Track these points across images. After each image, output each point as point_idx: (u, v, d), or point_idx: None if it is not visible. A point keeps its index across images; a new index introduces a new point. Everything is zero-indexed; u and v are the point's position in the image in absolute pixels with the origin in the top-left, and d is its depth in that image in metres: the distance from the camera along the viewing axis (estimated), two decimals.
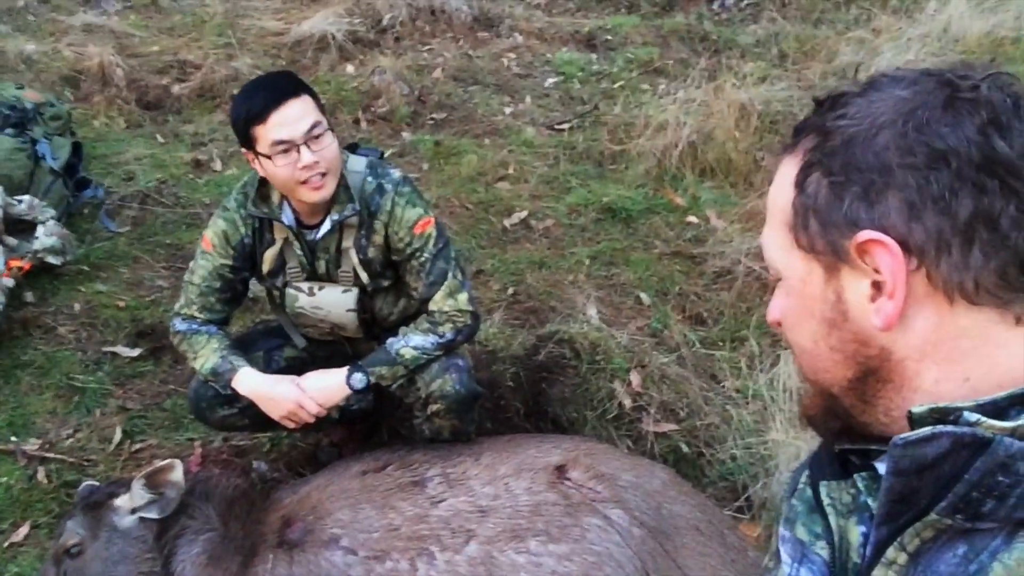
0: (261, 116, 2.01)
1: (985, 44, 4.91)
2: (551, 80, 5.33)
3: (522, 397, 2.84)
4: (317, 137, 2.03)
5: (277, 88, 2.06)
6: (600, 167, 4.43)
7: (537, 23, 5.93)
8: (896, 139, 0.68)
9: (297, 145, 2.00)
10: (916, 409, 0.68)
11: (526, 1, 6.34)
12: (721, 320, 3.32)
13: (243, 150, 2.12)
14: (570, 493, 2.08)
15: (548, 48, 5.67)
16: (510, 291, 3.42)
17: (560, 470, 2.13)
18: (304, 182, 2.03)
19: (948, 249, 0.67)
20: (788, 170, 0.76)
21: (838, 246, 0.71)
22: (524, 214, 3.96)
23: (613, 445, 2.61)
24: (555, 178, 4.27)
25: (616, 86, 5.23)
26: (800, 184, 0.74)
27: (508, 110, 4.97)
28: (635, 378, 2.89)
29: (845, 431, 0.79)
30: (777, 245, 0.78)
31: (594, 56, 5.63)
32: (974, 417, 0.65)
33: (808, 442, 2.56)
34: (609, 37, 5.81)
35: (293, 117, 2.01)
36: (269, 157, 2.02)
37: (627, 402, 2.81)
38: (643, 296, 3.44)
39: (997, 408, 0.67)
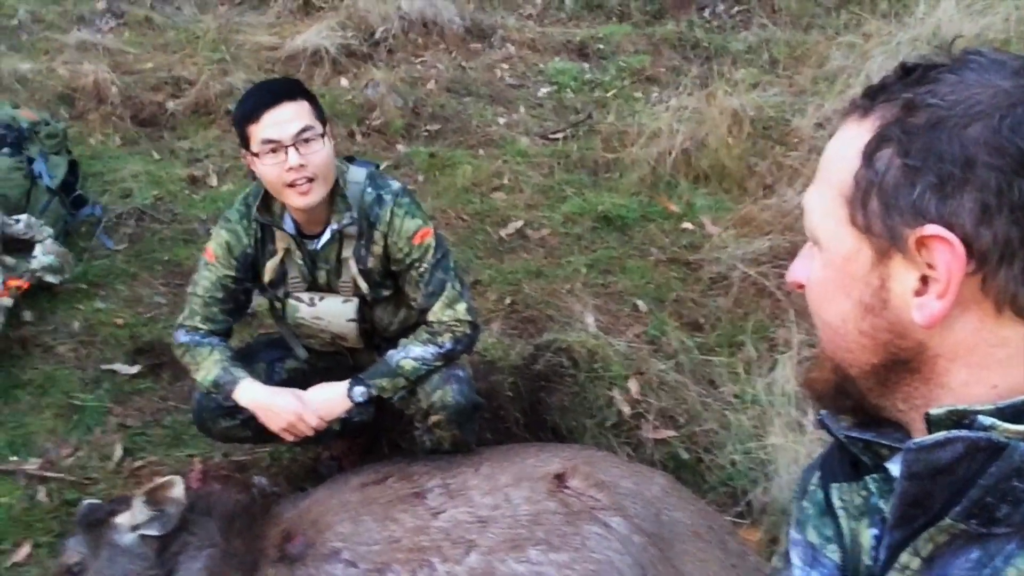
0: (255, 115, 2.05)
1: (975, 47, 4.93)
2: (544, 90, 5.36)
3: (521, 406, 2.85)
4: (307, 141, 2.05)
5: (276, 90, 2.11)
6: (595, 176, 4.45)
7: (529, 33, 5.96)
8: (988, 134, 0.64)
9: (285, 146, 2.03)
10: (934, 411, 0.67)
11: (518, 12, 6.37)
12: (718, 326, 3.33)
13: (241, 150, 2.15)
14: (570, 501, 2.08)
15: (541, 58, 5.70)
16: (507, 301, 3.43)
17: (559, 479, 2.13)
18: (291, 185, 2.05)
19: (1011, 260, 0.64)
20: (856, 135, 0.71)
21: (897, 233, 0.67)
22: (520, 224, 3.97)
23: (612, 453, 2.62)
24: (550, 187, 4.29)
25: (609, 95, 5.26)
26: (869, 156, 0.69)
27: (502, 120, 4.99)
28: (633, 385, 2.90)
29: (854, 410, 0.78)
30: (826, 212, 0.73)
31: (586, 65, 5.66)
32: (989, 421, 0.64)
33: (807, 446, 2.57)
34: (601, 46, 5.84)
35: (285, 118, 2.04)
36: (258, 155, 2.05)
37: (626, 409, 2.81)
38: (640, 303, 3.45)
39: (1016, 412, 0.65)
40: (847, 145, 0.71)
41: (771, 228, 3.75)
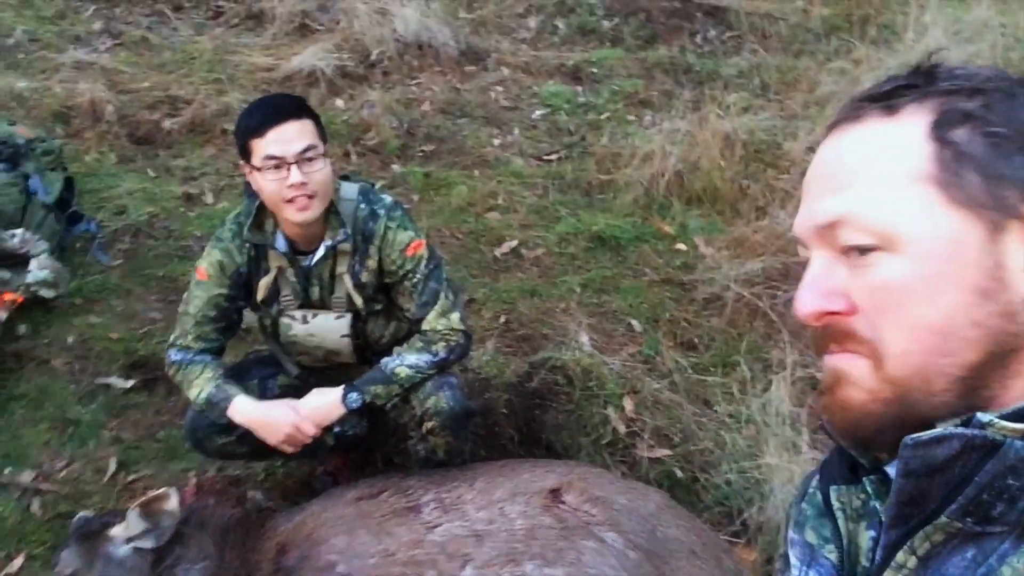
0: (260, 130, 2.06)
1: None
2: (538, 112, 5.40)
3: (516, 424, 2.85)
4: (310, 160, 2.07)
5: (281, 107, 2.12)
6: (589, 196, 4.48)
7: (523, 57, 6.01)
8: None
9: (288, 164, 2.05)
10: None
11: (512, 36, 6.42)
12: (712, 346, 3.35)
13: (240, 162, 2.17)
14: (565, 516, 2.08)
15: (535, 81, 5.74)
16: (502, 319, 3.44)
17: (555, 494, 2.14)
18: (290, 201, 2.07)
19: None
20: (896, 129, 0.70)
21: (1007, 203, 0.66)
22: (514, 243, 3.99)
23: (608, 471, 2.62)
24: (544, 208, 4.31)
25: (602, 117, 5.30)
26: (941, 137, 0.67)
27: (496, 142, 5.02)
28: (628, 404, 2.91)
29: (894, 446, 0.71)
30: (899, 204, 0.68)
31: (580, 88, 5.70)
32: (987, 418, 0.65)
33: (802, 466, 2.58)
34: (594, 70, 5.89)
35: (289, 136, 2.06)
36: (260, 170, 2.07)
37: (621, 428, 2.82)
38: (634, 323, 3.47)
39: (1019, 412, 0.65)
40: (889, 138, 0.69)
41: (764, 250, 3.78)
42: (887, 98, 0.71)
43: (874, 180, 0.69)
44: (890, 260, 0.68)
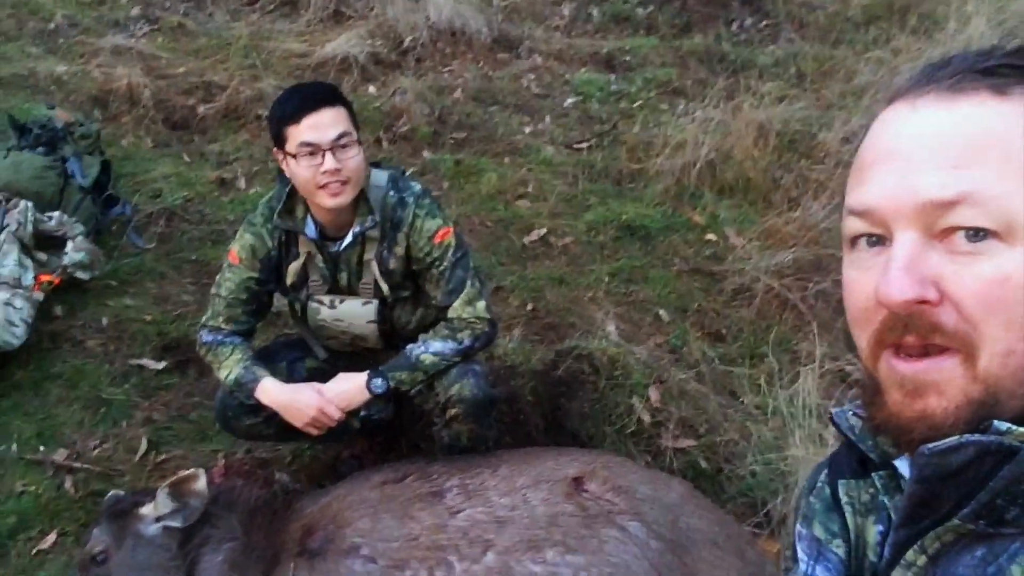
0: (295, 117, 2.10)
1: None
2: (570, 100, 5.38)
3: (541, 412, 2.86)
4: (344, 147, 2.10)
5: (316, 94, 2.16)
6: (619, 185, 4.46)
7: (556, 44, 5.99)
8: None
9: (323, 150, 2.08)
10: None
11: (545, 23, 6.40)
12: (740, 337, 3.33)
13: (274, 148, 2.20)
14: (587, 504, 2.09)
15: (567, 69, 5.72)
16: (529, 307, 3.45)
17: (577, 482, 2.14)
18: (323, 186, 2.10)
19: None
20: (1009, 110, 0.66)
21: None
22: (543, 231, 3.99)
23: (631, 460, 2.62)
24: (574, 196, 4.30)
25: (635, 106, 5.26)
26: None
27: (528, 129, 5.01)
28: (654, 394, 2.90)
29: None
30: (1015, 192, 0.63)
31: (613, 77, 5.67)
32: (1005, 426, 0.65)
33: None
34: (628, 58, 5.86)
35: (324, 123, 2.09)
36: (295, 156, 2.10)
37: (646, 418, 2.82)
38: (662, 313, 3.45)
39: None
40: (1008, 120, 0.65)
41: (795, 241, 3.75)
42: (992, 75, 0.66)
43: (1003, 162, 0.64)
44: (1007, 252, 0.64)
